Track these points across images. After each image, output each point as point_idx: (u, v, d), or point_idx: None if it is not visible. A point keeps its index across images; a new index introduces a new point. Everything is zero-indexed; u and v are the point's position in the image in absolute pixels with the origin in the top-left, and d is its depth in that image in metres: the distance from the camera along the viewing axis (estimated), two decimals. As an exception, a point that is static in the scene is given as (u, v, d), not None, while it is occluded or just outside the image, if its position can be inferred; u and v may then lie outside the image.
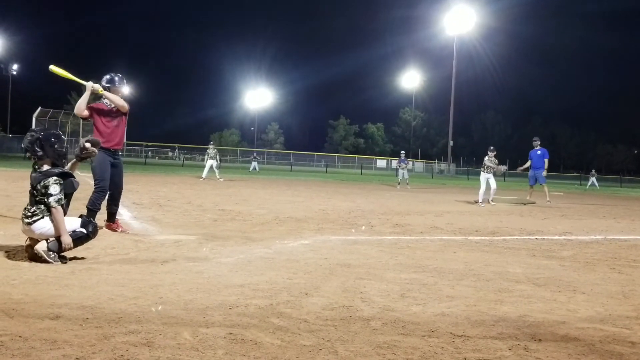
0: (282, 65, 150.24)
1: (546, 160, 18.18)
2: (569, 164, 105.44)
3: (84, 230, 5.55)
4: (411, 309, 4.24)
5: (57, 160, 5.69)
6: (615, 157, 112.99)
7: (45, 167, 5.58)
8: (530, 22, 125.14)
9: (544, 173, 18.14)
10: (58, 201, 5.46)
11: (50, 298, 4.08)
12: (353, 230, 8.89)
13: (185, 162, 60.36)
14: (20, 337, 3.23)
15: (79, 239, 5.53)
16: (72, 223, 5.57)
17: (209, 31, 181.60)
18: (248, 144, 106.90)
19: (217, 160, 26.11)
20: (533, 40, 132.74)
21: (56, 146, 5.67)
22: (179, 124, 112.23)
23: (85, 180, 7.76)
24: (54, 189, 5.46)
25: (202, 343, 3.27)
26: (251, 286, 4.73)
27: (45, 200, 5.44)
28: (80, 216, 5.76)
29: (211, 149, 26.14)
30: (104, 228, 7.51)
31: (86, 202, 7.32)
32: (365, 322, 3.85)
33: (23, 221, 5.55)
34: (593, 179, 48.28)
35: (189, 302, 4.14)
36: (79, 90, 6.80)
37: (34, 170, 5.60)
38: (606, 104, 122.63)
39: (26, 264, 5.23)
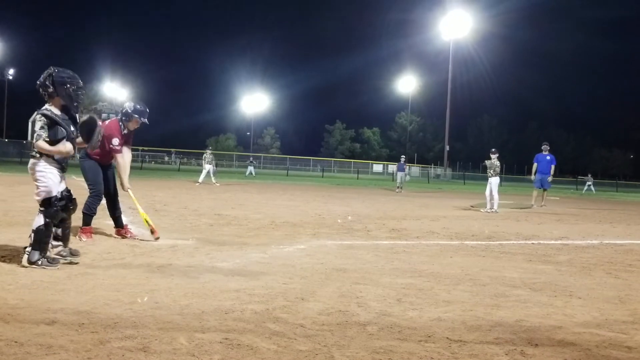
0: (278, 70, 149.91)
1: (553, 167, 18.31)
2: (566, 169, 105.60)
3: (41, 220, 5.34)
4: (407, 314, 4.24)
5: (69, 101, 5.53)
6: (611, 162, 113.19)
7: (51, 107, 5.45)
8: (526, 27, 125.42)
9: (550, 179, 18.28)
10: (36, 137, 5.29)
11: (46, 303, 4.07)
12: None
13: (182, 166, 60.29)
14: (15, 342, 3.22)
15: (41, 235, 5.33)
16: (55, 186, 5.48)
17: (205, 36, 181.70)
18: (244, 149, 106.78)
19: (213, 165, 26.12)
20: (529, 45, 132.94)
21: (68, 86, 5.48)
22: (175, 128, 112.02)
23: (79, 185, 7.74)
24: (37, 125, 5.31)
25: (198, 348, 3.27)
26: (247, 291, 4.73)
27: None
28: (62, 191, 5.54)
29: (208, 154, 26.14)
30: (114, 235, 7.53)
31: (82, 207, 7.29)
32: (361, 327, 3.85)
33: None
34: (589, 184, 48.07)
35: (185, 307, 4.13)
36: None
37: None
38: (602, 109, 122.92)
39: (22, 269, 5.20)
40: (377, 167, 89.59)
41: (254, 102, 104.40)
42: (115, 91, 76.90)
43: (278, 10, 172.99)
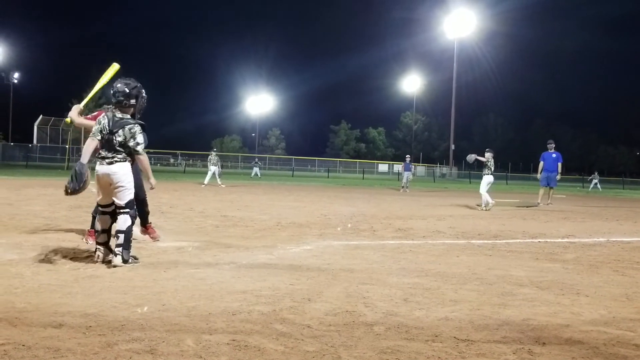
0: (283, 70, 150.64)
1: (560, 164, 18.30)
2: (571, 166, 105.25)
3: (128, 220, 5.80)
4: (414, 314, 4.24)
5: (138, 113, 6.06)
6: (617, 159, 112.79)
7: (127, 116, 5.86)
8: (530, 26, 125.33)
9: (558, 177, 18.28)
10: (144, 149, 5.84)
11: (53, 306, 4.08)
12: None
13: (187, 168, 60.38)
14: (23, 345, 3.23)
15: (130, 234, 5.80)
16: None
17: (209, 37, 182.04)
18: (249, 150, 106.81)
19: (219, 167, 26.16)
20: (533, 44, 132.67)
21: (143, 100, 6.05)
22: (180, 130, 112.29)
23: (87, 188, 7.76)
24: (141, 138, 5.80)
25: (205, 350, 3.27)
26: (254, 292, 4.73)
27: (131, 146, 5.75)
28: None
29: (213, 155, 26.20)
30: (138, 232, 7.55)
31: (88, 209, 7.31)
32: (368, 327, 3.84)
33: (101, 163, 5.79)
34: (595, 181, 48.18)
35: (192, 309, 4.14)
36: (80, 98, 6.73)
37: (113, 117, 5.83)
38: (607, 106, 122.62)
39: (29, 272, 5.22)
40: (383, 167, 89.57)
41: (259, 103, 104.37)
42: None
43: (282, 11, 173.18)
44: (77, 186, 5.78)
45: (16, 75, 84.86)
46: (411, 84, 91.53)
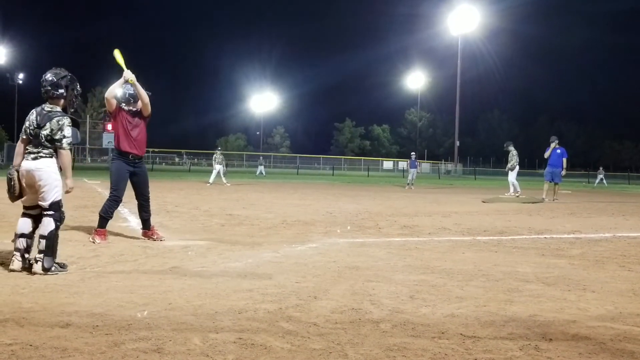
0: (287, 68, 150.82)
1: (564, 160, 18.29)
2: (577, 162, 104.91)
3: (52, 225, 5.29)
4: (420, 311, 4.23)
5: (70, 105, 5.61)
6: (622, 154, 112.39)
7: (57, 108, 5.44)
8: (534, 22, 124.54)
9: (563, 172, 18.28)
10: (70, 144, 5.37)
11: (60, 306, 4.09)
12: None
13: (192, 167, 60.45)
14: (30, 345, 3.24)
15: (54, 240, 5.26)
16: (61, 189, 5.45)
17: (213, 36, 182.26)
18: (254, 148, 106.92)
19: (223, 166, 26.19)
20: (538, 40, 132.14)
21: (75, 92, 5.62)
22: (184, 129, 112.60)
23: (91, 188, 7.78)
24: (68, 131, 5.34)
25: (211, 348, 3.28)
26: (260, 290, 4.73)
27: (56, 139, 5.29)
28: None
29: (218, 154, 26.23)
30: (141, 236, 7.62)
31: (94, 209, 7.33)
32: (374, 324, 3.84)
33: (26, 159, 5.37)
34: (601, 177, 48.06)
35: (198, 308, 4.15)
36: (84, 98, 6.71)
37: (42, 110, 5.41)
38: (612, 101, 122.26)
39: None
40: (388, 164, 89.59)
41: (263, 101, 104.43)
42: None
43: (286, 9, 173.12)
44: (13, 191, 5.48)
45: (21, 75, 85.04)
46: (415, 80, 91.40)
